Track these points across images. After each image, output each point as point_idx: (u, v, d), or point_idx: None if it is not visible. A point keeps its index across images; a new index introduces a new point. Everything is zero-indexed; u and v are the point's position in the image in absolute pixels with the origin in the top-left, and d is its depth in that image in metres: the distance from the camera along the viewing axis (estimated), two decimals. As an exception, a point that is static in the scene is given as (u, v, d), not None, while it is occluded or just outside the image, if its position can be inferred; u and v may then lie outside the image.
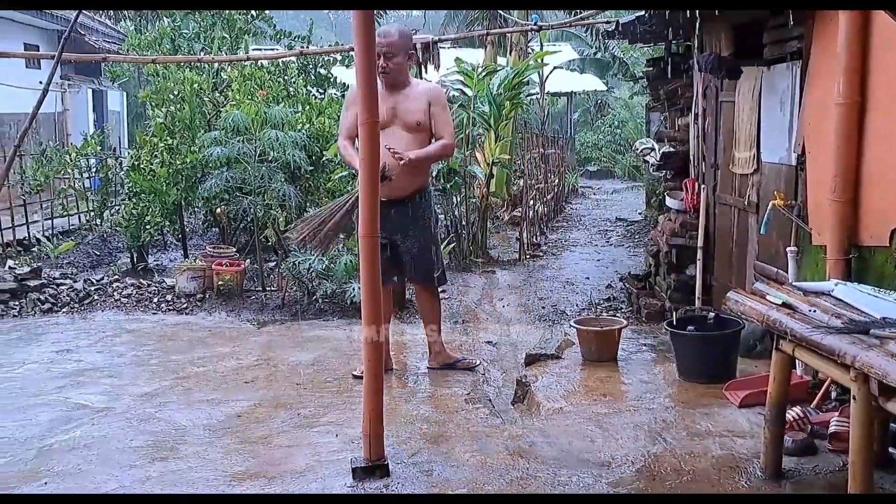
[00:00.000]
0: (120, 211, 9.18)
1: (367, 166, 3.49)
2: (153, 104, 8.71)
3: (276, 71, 9.09)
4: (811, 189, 4.32)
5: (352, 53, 5.34)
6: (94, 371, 5.27)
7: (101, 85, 17.36)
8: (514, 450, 3.71)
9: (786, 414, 3.44)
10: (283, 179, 7.52)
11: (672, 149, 6.54)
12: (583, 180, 19.82)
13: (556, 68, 18.17)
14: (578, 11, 10.04)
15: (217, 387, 4.93)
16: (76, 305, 7.04)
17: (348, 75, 7.41)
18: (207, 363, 5.44)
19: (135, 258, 8.82)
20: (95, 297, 7.22)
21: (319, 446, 3.90)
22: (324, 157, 7.90)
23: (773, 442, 3.32)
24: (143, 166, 8.21)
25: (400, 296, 6.74)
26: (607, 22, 8.53)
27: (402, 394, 4.77)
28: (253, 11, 10.56)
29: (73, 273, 8.08)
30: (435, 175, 8.87)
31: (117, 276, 7.88)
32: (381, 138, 4.86)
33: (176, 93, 8.48)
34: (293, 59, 9.49)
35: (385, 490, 3.38)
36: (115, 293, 7.29)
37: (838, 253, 3.91)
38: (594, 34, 17.61)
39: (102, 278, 7.71)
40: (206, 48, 10.02)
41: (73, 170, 9.94)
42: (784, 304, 3.15)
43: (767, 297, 3.26)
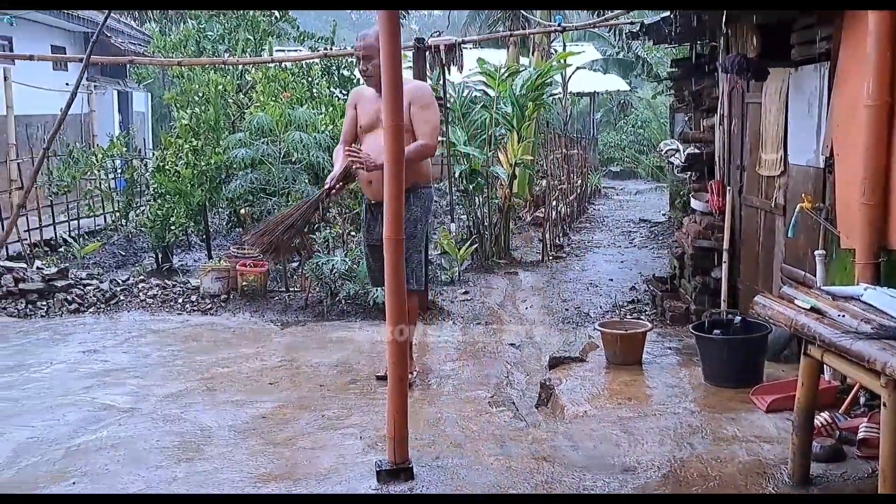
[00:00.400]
0: (145, 211, 9.26)
1: (393, 169, 3.46)
2: (178, 106, 8.78)
3: (299, 72, 9.14)
4: (840, 191, 4.27)
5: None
6: (120, 371, 5.31)
7: (126, 86, 17.51)
8: (538, 454, 3.70)
9: (814, 419, 3.40)
10: (306, 181, 7.56)
11: (697, 150, 6.50)
12: (606, 181, 19.72)
13: (578, 68, 18.11)
14: (602, 12, 10.01)
15: (241, 388, 4.95)
16: (102, 306, 7.10)
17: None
18: (232, 364, 5.47)
19: (159, 258, 8.90)
20: (121, 297, 7.28)
21: (344, 448, 3.91)
22: (347, 159, 7.92)
23: (801, 448, 3.29)
24: (168, 167, 8.28)
25: (423, 298, 6.74)
26: (631, 23, 8.50)
27: (425, 396, 4.76)
28: (276, 13, 10.63)
29: (99, 273, 8.15)
30: (458, 175, 8.90)
31: (142, 276, 7.95)
32: (367, 140, 4.87)
33: (201, 94, 8.55)
34: (317, 60, 9.54)
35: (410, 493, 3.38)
36: (140, 293, 7.35)
37: (867, 256, 3.86)
38: (617, 34, 17.54)
39: (128, 279, 7.77)
40: (231, 50, 10.09)
41: (99, 171, 10.03)
42: (812, 309, 3.12)
43: (796, 302, 3.23)
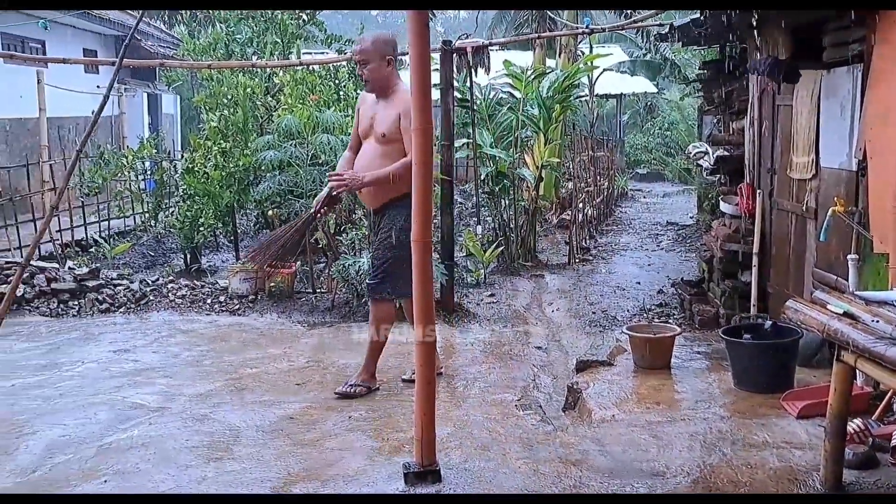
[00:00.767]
0: (174, 213, 9.36)
1: (421, 172, 3.45)
2: (207, 108, 8.86)
3: (326, 75, 9.19)
4: (873, 195, 4.21)
5: (401, 57, 5.36)
6: (150, 371, 5.37)
7: (155, 89, 17.72)
8: (565, 458, 3.68)
9: (846, 426, 3.36)
10: (333, 183, 7.58)
11: (726, 153, 6.45)
12: (632, 183, 19.61)
13: (605, 70, 18.03)
14: (630, 13, 9.96)
15: (269, 388, 4.99)
16: (132, 306, 7.18)
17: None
18: (259, 364, 5.51)
19: (188, 259, 8.98)
20: (151, 297, 7.35)
21: (371, 450, 3.92)
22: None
23: (833, 454, 3.24)
24: (197, 169, 8.36)
25: (448, 299, 6.76)
26: (660, 24, 8.45)
27: (451, 398, 4.76)
28: (304, 16, 10.69)
29: (128, 274, 8.24)
30: (484, 178, 8.89)
31: (171, 277, 8.03)
32: (363, 148, 4.82)
33: (229, 97, 8.62)
34: (344, 63, 9.58)
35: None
36: (169, 294, 7.42)
37: (901, 261, 3.82)
38: (644, 36, 17.45)
39: (157, 279, 7.85)
40: (259, 53, 10.17)
41: (129, 172, 10.15)
42: (846, 314, 3.08)
43: (828, 307, 3.19)
